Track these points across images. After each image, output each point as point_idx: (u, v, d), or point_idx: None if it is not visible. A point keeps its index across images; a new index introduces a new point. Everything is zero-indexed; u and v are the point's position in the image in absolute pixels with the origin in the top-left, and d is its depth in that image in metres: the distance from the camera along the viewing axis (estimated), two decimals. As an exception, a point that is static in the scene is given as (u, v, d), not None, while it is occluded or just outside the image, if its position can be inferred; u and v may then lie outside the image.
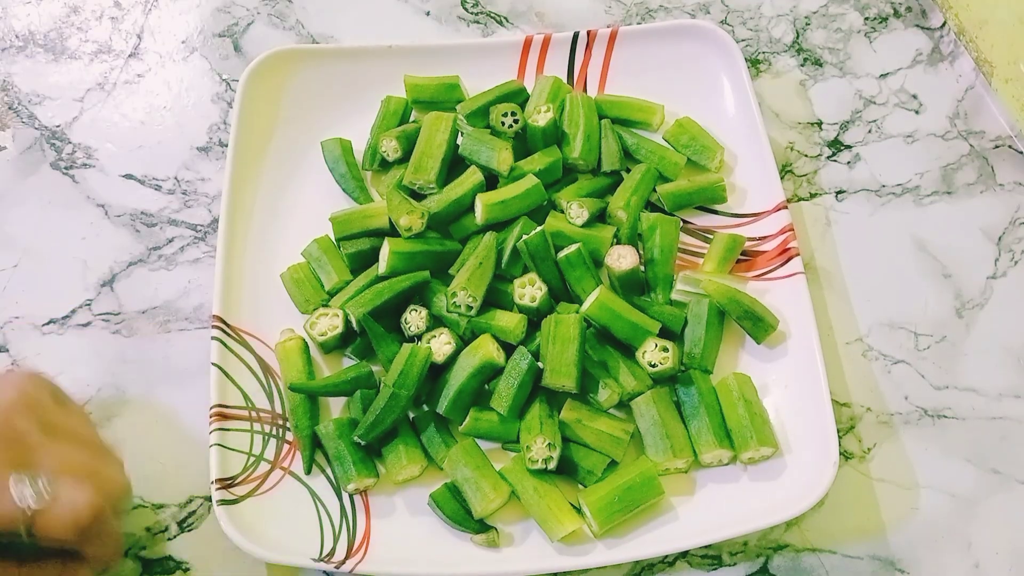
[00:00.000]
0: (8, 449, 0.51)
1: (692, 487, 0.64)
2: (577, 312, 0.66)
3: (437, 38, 0.86)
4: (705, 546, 0.63)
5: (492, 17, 0.87)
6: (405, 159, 0.74)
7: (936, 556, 0.63)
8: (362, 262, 0.71)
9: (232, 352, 0.67)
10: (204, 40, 0.85)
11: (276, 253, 0.72)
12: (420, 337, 0.67)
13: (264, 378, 0.68)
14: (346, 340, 0.68)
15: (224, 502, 0.61)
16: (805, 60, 0.84)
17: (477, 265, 0.67)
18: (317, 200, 0.75)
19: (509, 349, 0.66)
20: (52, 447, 0.53)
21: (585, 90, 0.80)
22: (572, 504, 0.62)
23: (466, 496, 0.62)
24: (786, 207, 0.72)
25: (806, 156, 0.79)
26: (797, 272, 0.69)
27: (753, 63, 0.84)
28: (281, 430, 0.66)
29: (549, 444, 0.62)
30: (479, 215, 0.71)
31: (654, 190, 0.74)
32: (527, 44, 0.80)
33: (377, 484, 0.64)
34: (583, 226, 0.71)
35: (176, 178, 0.78)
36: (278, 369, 0.68)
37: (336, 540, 0.62)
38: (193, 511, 0.65)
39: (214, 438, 0.63)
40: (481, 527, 0.62)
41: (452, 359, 0.65)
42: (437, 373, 0.66)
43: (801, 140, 0.80)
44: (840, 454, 0.62)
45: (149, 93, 0.83)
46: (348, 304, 0.67)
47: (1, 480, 0.50)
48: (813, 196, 0.77)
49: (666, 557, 0.63)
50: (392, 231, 0.70)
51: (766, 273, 0.71)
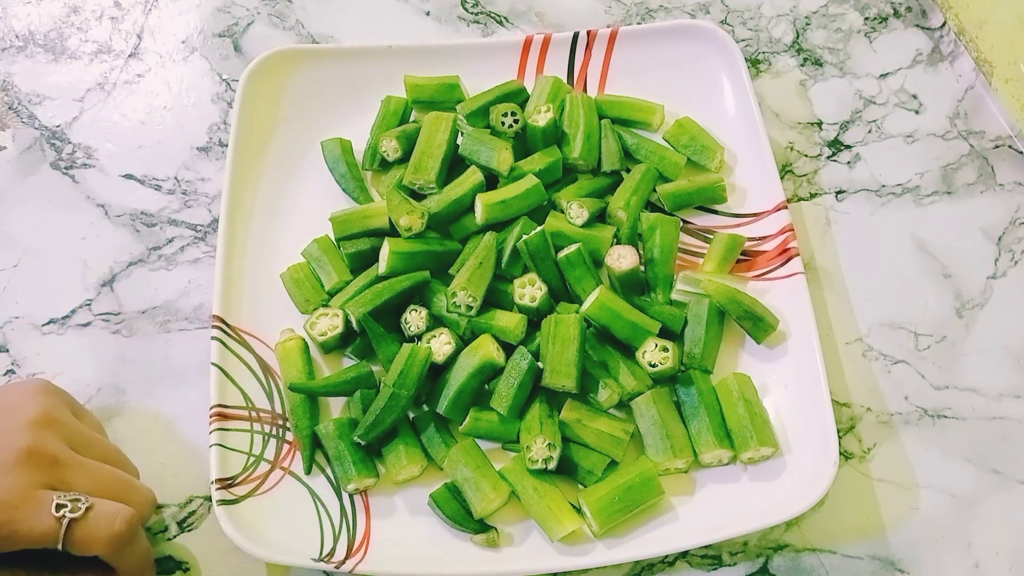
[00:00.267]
0: (41, 470, 0.53)
1: (692, 487, 0.64)
2: (577, 312, 0.66)
3: (437, 38, 0.86)
4: (705, 546, 0.63)
5: (492, 17, 0.87)
6: (405, 159, 0.74)
7: (936, 556, 0.63)
8: (362, 262, 0.71)
9: (232, 352, 0.67)
10: (204, 40, 0.85)
11: (276, 253, 0.72)
12: (420, 337, 0.67)
13: (264, 378, 0.68)
14: (346, 340, 0.68)
15: (224, 502, 0.61)
16: (805, 60, 0.84)
17: (477, 265, 0.67)
18: (317, 200, 0.75)
19: (509, 349, 0.66)
20: (81, 463, 0.55)
21: (585, 90, 0.80)
22: (572, 504, 0.62)
23: (466, 496, 0.62)
24: (786, 207, 0.72)
25: (806, 156, 0.79)
26: (797, 272, 0.69)
27: (753, 63, 0.84)
28: (281, 430, 0.66)
29: (549, 444, 0.62)
30: (479, 215, 0.71)
31: (654, 190, 0.74)
32: (527, 44, 0.80)
33: (377, 484, 0.64)
34: (583, 226, 0.71)
35: (176, 178, 0.78)
36: (278, 369, 0.68)
37: (336, 540, 0.62)
38: (193, 511, 0.65)
39: (214, 438, 0.63)
40: (481, 527, 0.62)
41: (452, 359, 0.65)
42: (437, 373, 0.66)
43: (801, 140, 0.80)
44: (840, 454, 0.62)
45: (149, 93, 0.83)
46: (348, 304, 0.67)
47: (36, 498, 0.52)
48: (813, 196, 0.77)
49: (666, 557, 0.63)
50: (392, 231, 0.70)
51: (766, 273, 0.71)
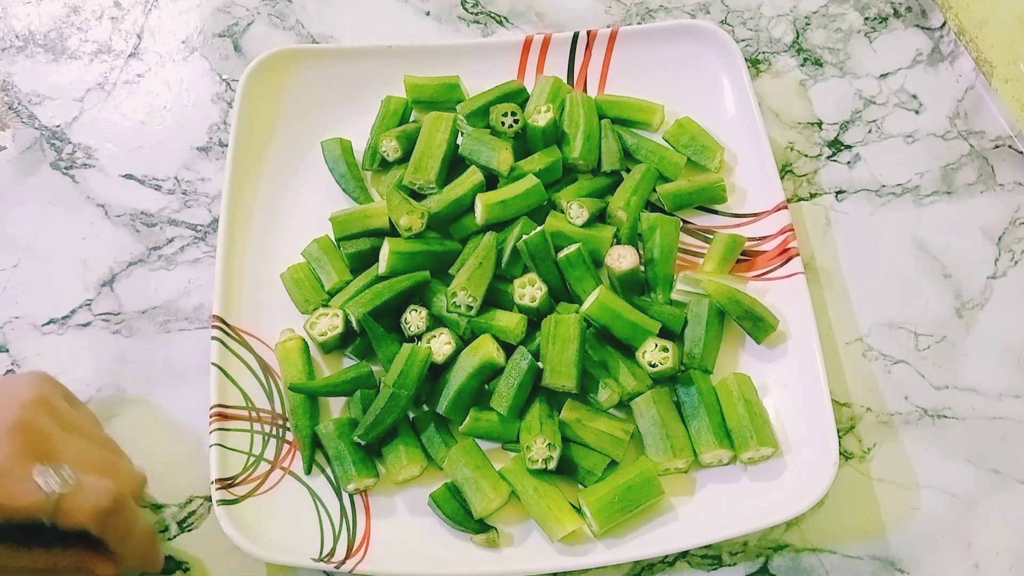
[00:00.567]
0: (31, 442, 0.54)
1: (692, 487, 0.64)
2: (577, 312, 0.66)
3: (437, 38, 0.86)
4: (705, 546, 0.63)
5: (492, 17, 0.87)
6: (405, 159, 0.74)
7: (936, 556, 0.63)
8: (362, 262, 0.71)
9: (232, 352, 0.67)
10: (204, 40, 0.85)
11: (276, 253, 0.72)
12: (420, 337, 0.67)
13: (264, 378, 0.68)
14: (346, 340, 0.68)
15: (224, 502, 0.61)
16: (805, 60, 0.84)
17: (477, 265, 0.67)
18: (317, 200, 0.75)
19: (509, 349, 0.66)
20: (70, 441, 0.57)
21: (585, 90, 0.80)
22: (572, 504, 0.62)
23: (466, 496, 0.62)
24: (786, 207, 0.72)
25: (806, 156, 0.79)
26: (797, 272, 0.69)
27: (753, 63, 0.84)
28: (281, 430, 0.66)
29: (549, 444, 0.62)
30: (479, 215, 0.71)
31: (654, 190, 0.74)
32: (527, 44, 0.80)
33: (377, 484, 0.64)
34: (583, 226, 0.71)
35: (176, 178, 0.78)
36: (278, 369, 0.68)
37: (336, 540, 0.62)
38: (193, 511, 0.65)
39: (214, 438, 0.63)
40: (481, 527, 0.62)
41: (452, 359, 0.65)
42: (437, 373, 0.66)
43: (801, 140, 0.80)
44: (840, 454, 0.62)
45: (149, 93, 0.83)
46: (348, 304, 0.67)
47: (25, 469, 0.53)
48: (813, 196, 0.77)
49: (666, 557, 0.63)
50: (392, 231, 0.70)
51: (766, 273, 0.71)
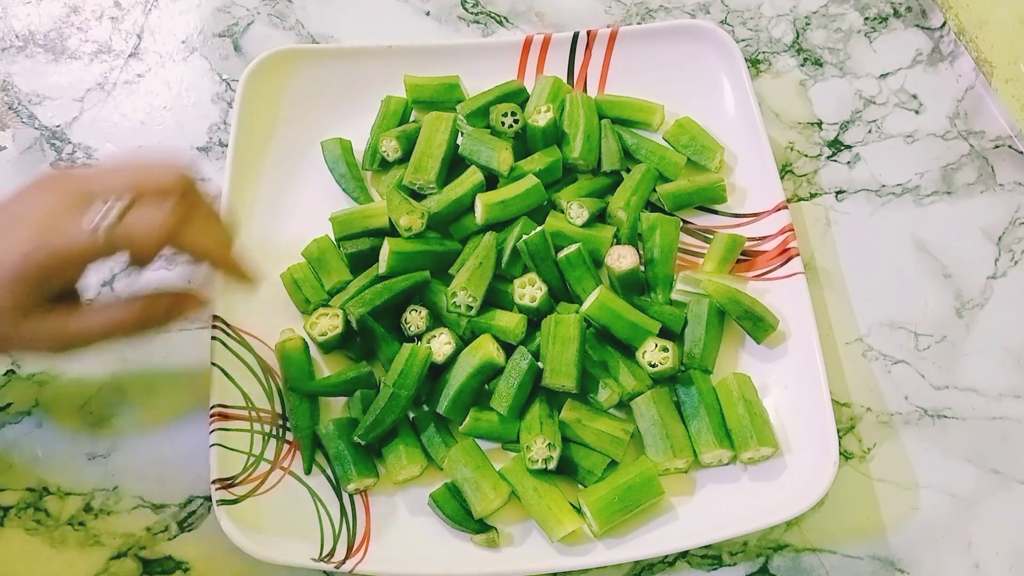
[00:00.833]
0: (61, 186, 0.53)
1: (692, 487, 0.64)
2: (577, 312, 0.66)
3: (437, 38, 0.86)
4: (705, 546, 0.63)
5: (492, 17, 0.87)
6: (405, 159, 0.74)
7: (936, 556, 0.63)
8: (362, 262, 0.71)
9: (232, 352, 0.67)
10: (204, 40, 0.85)
11: (276, 253, 0.72)
12: (420, 337, 0.67)
13: (264, 378, 0.67)
14: (346, 340, 0.68)
15: (224, 502, 0.61)
16: (805, 60, 0.84)
17: (477, 265, 0.67)
18: (317, 200, 0.75)
19: (509, 349, 0.66)
20: (103, 170, 0.55)
21: (585, 90, 0.80)
22: (572, 504, 0.62)
23: (466, 496, 0.62)
24: (786, 207, 0.72)
25: (806, 156, 0.79)
26: (797, 272, 0.69)
27: (753, 63, 0.84)
28: (281, 430, 0.66)
29: (549, 444, 0.62)
30: (479, 215, 0.71)
31: (654, 190, 0.74)
32: (527, 44, 0.80)
33: (377, 484, 0.64)
34: (583, 226, 0.71)
35: (176, 178, 0.78)
36: (278, 369, 0.68)
37: (336, 540, 0.62)
38: (193, 511, 0.65)
39: (214, 438, 0.63)
40: (481, 527, 0.62)
41: (452, 359, 0.65)
42: (437, 373, 0.66)
43: (801, 140, 0.80)
44: (840, 454, 0.62)
45: (149, 93, 0.83)
46: (348, 304, 0.67)
47: (72, 216, 0.52)
48: (813, 196, 0.77)
49: (666, 557, 0.63)
50: (392, 231, 0.70)
51: (766, 273, 0.71)
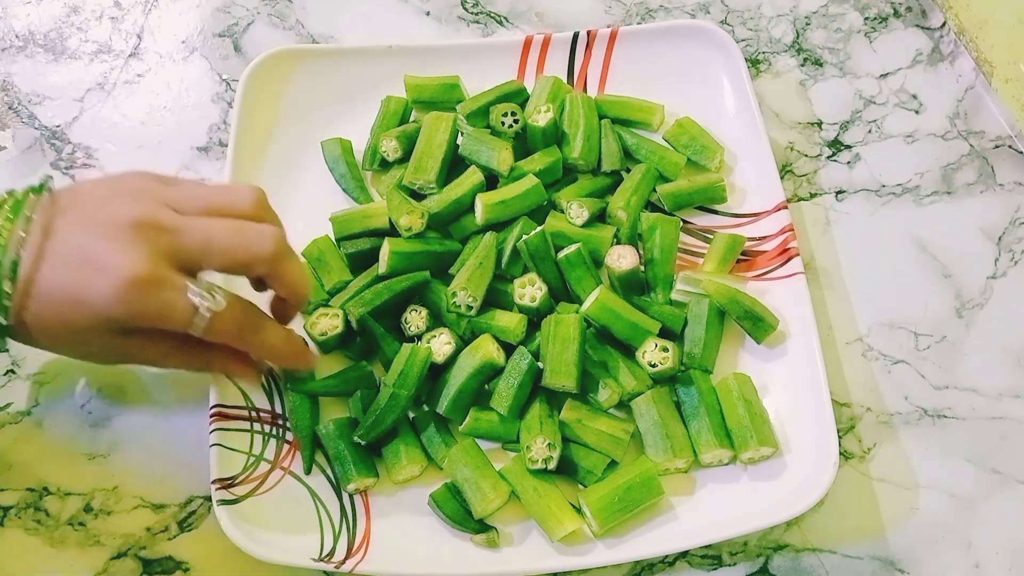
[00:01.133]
0: (155, 235, 0.53)
1: (692, 487, 0.64)
2: (577, 312, 0.66)
3: (437, 38, 0.86)
4: (705, 546, 0.63)
5: (492, 17, 0.87)
6: (405, 159, 0.74)
7: (936, 556, 0.63)
8: (362, 262, 0.71)
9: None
10: (204, 40, 0.85)
11: (276, 253, 0.72)
12: (420, 337, 0.67)
13: (264, 378, 0.67)
14: (346, 340, 0.68)
15: (224, 502, 0.61)
16: (805, 60, 0.84)
17: (477, 265, 0.67)
18: (317, 200, 0.75)
19: (509, 349, 0.66)
20: (190, 223, 0.55)
21: (585, 90, 0.80)
22: (572, 504, 0.62)
23: (466, 496, 0.62)
24: (786, 207, 0.72)
25: (806, 156, 0.79)
26: (797, 272, 0.69)
27: (753, 63, 0.84)
28: (281, 430, 0.66)
29: (549, 444, 0.62)
30: (479, 215, 0.71)
31: (654, 190, 0.74)
32: (527, 44, 0.80)
33: (377, 484, 0.64)
34: (583, 226, 0.71)
35: (176, 178, 0.78)
36: (278, 369, 0.68)
37: (336, 540, 0.62)
38: (193, 511, 0.65)
39: (214, 438, 0.63)
40: (481, 527, 0.62)
41: (452, 359, 0.65)
42: (437, 373, 0.66)
43: (801, 140, 0.80)
44: (840, 454, 0.62)
45: (149, 93, 0.83)
46: (348, 304, 0.67)
47: (173, 279, 0.53)
48: (813, 196, 0.77)
49: (666, 557, 0.63)
50: (392, 231, 0.70)
51: (766, 273, 0.71)
